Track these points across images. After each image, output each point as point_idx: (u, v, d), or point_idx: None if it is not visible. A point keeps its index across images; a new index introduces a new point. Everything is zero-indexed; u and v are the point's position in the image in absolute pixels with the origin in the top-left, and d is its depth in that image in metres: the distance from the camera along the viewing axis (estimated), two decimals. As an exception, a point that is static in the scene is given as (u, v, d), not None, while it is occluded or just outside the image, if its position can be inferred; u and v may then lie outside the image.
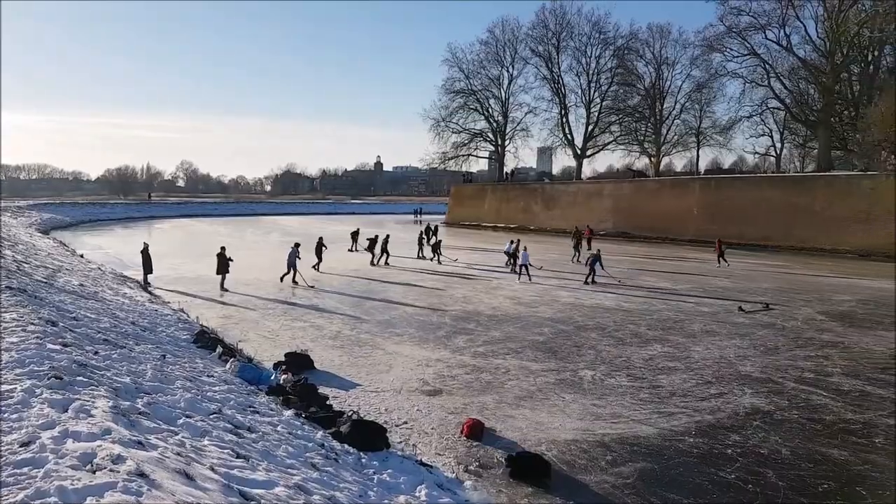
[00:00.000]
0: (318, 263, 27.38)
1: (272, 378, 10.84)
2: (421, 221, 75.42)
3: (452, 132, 73.27)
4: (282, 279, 23.24)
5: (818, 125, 51.85)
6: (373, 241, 30.98)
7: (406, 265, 29.80)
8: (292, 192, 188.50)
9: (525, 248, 26.07)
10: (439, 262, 30.66)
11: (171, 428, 6.00)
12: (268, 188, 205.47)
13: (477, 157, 78.04)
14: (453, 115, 72.67)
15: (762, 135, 62.45)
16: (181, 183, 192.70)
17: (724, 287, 23.76)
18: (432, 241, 33.64)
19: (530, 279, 24.66)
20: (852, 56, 50.51)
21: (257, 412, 8.25)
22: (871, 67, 50.66)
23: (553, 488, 7.50)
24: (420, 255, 33.47)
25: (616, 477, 7.81)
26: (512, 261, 27.58)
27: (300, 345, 13.94)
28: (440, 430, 9.33)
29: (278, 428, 7.64)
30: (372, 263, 29.88)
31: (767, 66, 54.15)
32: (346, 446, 7.87)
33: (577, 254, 32.36)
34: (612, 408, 10.37)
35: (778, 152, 64.46)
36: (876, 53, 50.47)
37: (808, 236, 39.19)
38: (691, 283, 24.86)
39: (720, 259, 30.66)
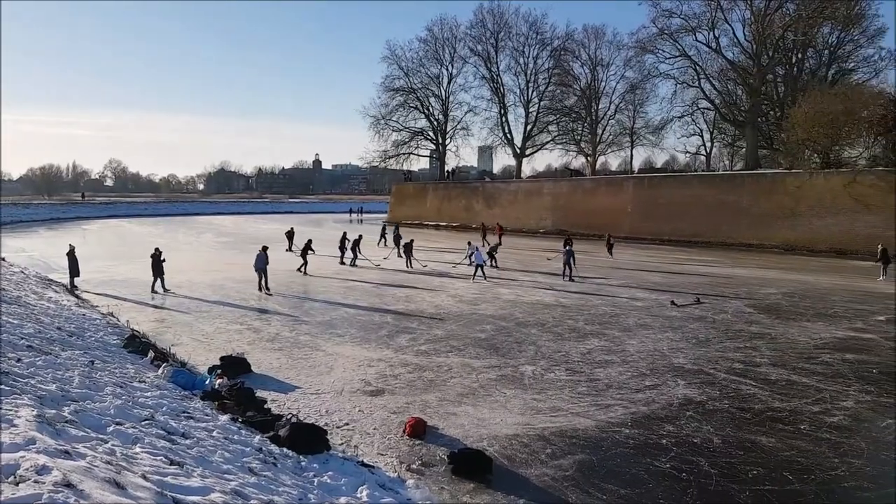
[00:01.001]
0: (303, 265, 26.81)
1: (207, 383, 10.54)
2: (362, 221, 74.90)
3: (393, 130, 73.12)
4: (261, 288, 21.59)
5: (746, 125, 54.22)
6: (308, 246, 29.87)
7: (347, 266, 29.46)
8: (227, 190, 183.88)
9: (478, 248, 26.04)
10: (410, 266, 28.68)
11: (101, 436, 5.77)
12: (201, 187, 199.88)
13: (418, 155, 78.17)
14: (393, 113, 72.48)
15: (693, 134, 64.97)
16: (109, 182, 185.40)
17: (657, 282, 24.54)
18: (402, 242, 31.60)
19: (485, 278, 24.65)
20: (777, 58, 53.06)
21: (192, 418, 8.01)
22: (796, 69, 53.39)
23: (494, 483, 7.57)
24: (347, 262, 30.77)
25: (556, 470, 7.95)
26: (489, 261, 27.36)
27: (236, 348, 13.59)
28: (382, 430, 9.27)
29: (214, 433, 7.44)
30: (341, 262, 29.98)
31: (698, 67, 56.32)
32: (285, 450, 7.72)
33: (485, 244, 34.06)
34: (552, 402, 10.55)
35: (708, 151, 67.18)
36: (800, 56, 53.24)
37: (736, 232, 40.91)
38: (626, 278, 25.55)
39: (610, 252, 33.09)
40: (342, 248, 30.83)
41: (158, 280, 21.31)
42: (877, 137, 39.86)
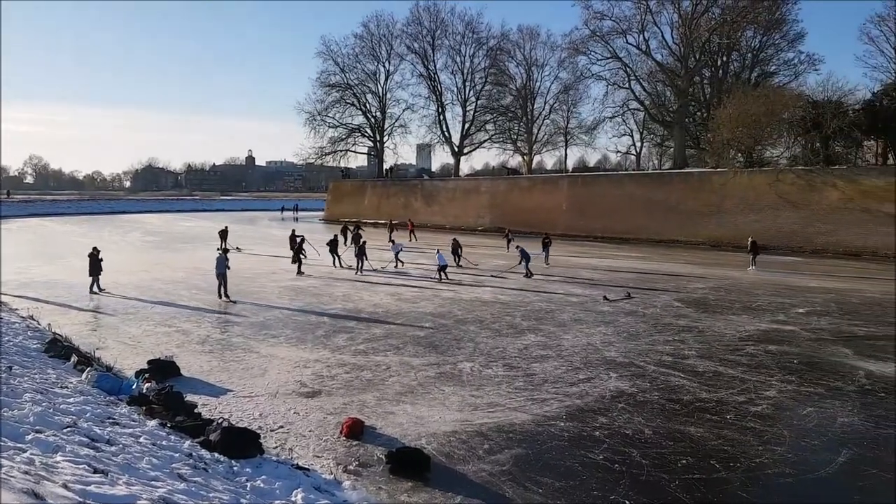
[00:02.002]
0: (299, 265, 25.84)
1: (134, 387, 10.17)
2: (297, 219, 73.57)
3: (329, 126, 71.98)
4: (222, 295, 19.53)
5: (674, 125, 56.19)
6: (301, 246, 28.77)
7: (281, 265, 28.81)
8: (154, 188, 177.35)
9: (438, 250, 25.44)
10: (360, 271, 26.10)
11: (18, 445, 5.57)
12: (127, 184, 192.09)
13: (355, 152, 77.28)
14: (329, 109, 71.39)
15: (624, 134, 66.87)
16: (29, 179, 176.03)
17: (590, 278, 25.10)
18: (358, 242, 29.00)
19: (447, 277, 24.29)
20: (704, 61, 55.21)
21: (117, 424, 7.74)
22: (721, 72, 55.66)
23: (433, 481, 7.55)
24: (337, 264, 28.14)
25: (493, 465, 8.00)
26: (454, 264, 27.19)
27: (165, 351, 13.11)
28: (318, 431, 9.11)
29: (141, 439, 7.20)
30: (294, 262, 28.67)
31: (628, 69, 57.95)
32: (216, 455, 7.56)
33: (391, 242, 34.64)
34: (490, 397, 10.62)
35: (638, 151, 69.32)
36: (724, 59, 55.54)
37: (665, 229, 42.31)
38: (562, 274, 26.04)
39: (508, 245, 34.81)
40: (293, 247, 29.87)
41: (95, 280, 20.58)
42: (797, 138, 42.13)
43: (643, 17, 54.36)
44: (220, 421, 8.68)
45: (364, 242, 28.31)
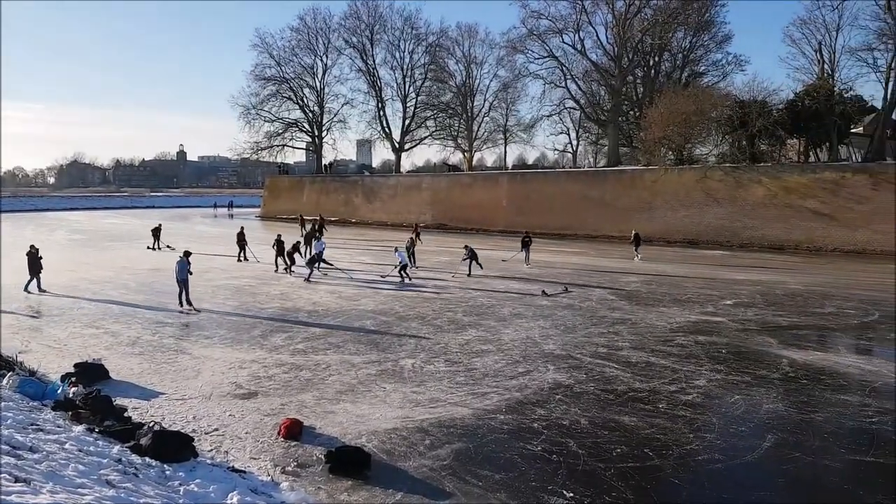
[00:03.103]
0: (288, 267, 24.93)
1: (59, 392, 9.70)
2: (232, 216, 71.83)
3: (265, 121, 70.52)
4: (183, 303, 17.62)
5: (608, 124, 57.60)
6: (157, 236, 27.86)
7: (220, 263, 28.03)
8: (81, 185, 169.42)
9: (397, 249, 24.18)
10: (288, 271, 24.73)
11: None
12: (51, 181, 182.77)
13: (293, 147, 75.94)
14: (265, 102, 69.94)
15: (561, 132, 68.09)
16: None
17: (529, 273, 25.48)
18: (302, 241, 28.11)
19: (409, 277, 23.19)
20: (636, 61, 56.79)
21: (41, 430, 7.38)
22: (653, 72, 57.37)
23: (373, 479, 7.50)
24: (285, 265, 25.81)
25: (433, 460, 8.01)
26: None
27: (92, 354, 12.53)
28: (255, 433, 8.90)
29: (66, 446, 6.89)
30: (239, 260, 28.36)
31: (564, 68, 59.03)
32: (147, 459, 7.31)
33: (302, 233, 35.28)
34: (431, 393, 10.63)
35: (574, 149, 70.64)
36: (656, 59, 57.28)
37: (600, 225, 43.40)
38: (502, 270, 26.32)
39: (417, 238, 35.28)
40: (241, 245, 28.95)
41: (35, 279, 19.77)
42: (724, 136, 43.88)
43: (578, 16, 55.52)
44: (151, 425, 8.38)
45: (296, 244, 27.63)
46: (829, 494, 7.44)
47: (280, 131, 71.66)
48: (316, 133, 71.54)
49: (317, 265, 23.53)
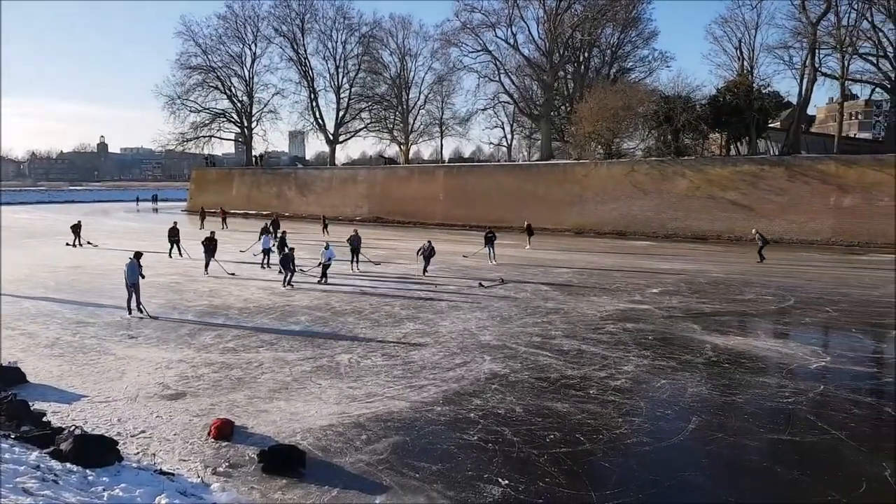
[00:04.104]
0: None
1: (-32, 399, 9.05)
2: (157, 210, 69.24)
3: (191, 111, 67.89)
4: (132, 309, 15.99)
5: (541, 118, 58.49)
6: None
7: (144, 259, 26.83)
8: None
9: (328, 246, 22.12)
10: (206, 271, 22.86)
11: None
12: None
13: (221, 138, 73.55)
14: (191, 92, 67.28)
15: (496, 126, 68.56)
16: None
17: (466, 265, 25.67)
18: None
19: (325, 279, 21.36)
20: (567, 56, 57.81)
21: (-51, 440, 6.87)
22: (583, 67, 58.54)
23: (308, 476, 7.40)
24: (266, 264, 24.68)
25: (370, 455, 7.98)
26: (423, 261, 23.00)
27: (7, 356, 11.81)
28: (184, 434, 8.62)
29: (-22, 454, 6.44)
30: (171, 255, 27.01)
31: (498, 62, 59.43)
32: (68, 465, 7.00)
33: (202, 227, 36.52)
34: (368, 388, 10.57)
35: (509, 143, 71.38)
36: (586, 55, 58.45)
37: (534, 217, 43.78)
38: (440, 263, 26.32)
39: (325, 230, 36.85)
40: (173, 242, 27.61)
41: None
42: (650, 131, 45.31)
43: (511, 11, 55.97)
44: (72, 429, 7.98)
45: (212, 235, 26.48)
46: (750, 472, 7.84)
47: (207, 122, 69.29)
48: (245, 124, 69.49)
49: (292, 267, 20.76)
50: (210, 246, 23.20)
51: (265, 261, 24.68)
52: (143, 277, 16.42)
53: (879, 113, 71.59)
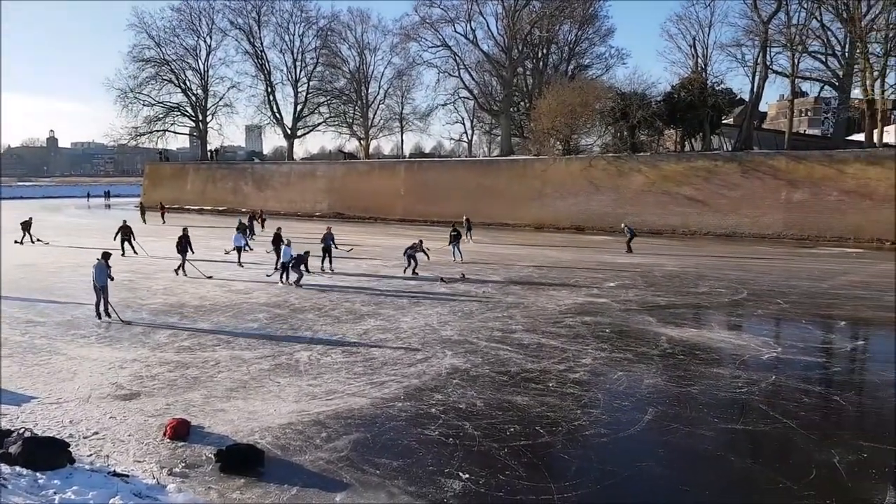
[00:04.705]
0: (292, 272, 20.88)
1: None
2: (109, 206, 67.39)
3: (144, 105, 66.17)
4: (101, 313, 15.14)
5: (500, 114, 58.81)
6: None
7: (90, 258, 26.06)
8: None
9: (289, 243, 21.15)
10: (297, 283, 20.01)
11: None
12: None
13: (175, 133, 71.93)
14: (144, 85, 65.54)
15: (456, 122, 68.86)
16: None
17: (427, 262, 25.61)
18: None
19: (288, 281, 20.20)
20: (526, 52, 58.20)
21: None
22: (542, 64, 59.03)
23: (267, 475, 7.31)
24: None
25: (331, 452, 7.92)
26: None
27: (-52, 359, 11.35)
28: (139, 435, 8.42)
29: (-81, 461, 6.19)
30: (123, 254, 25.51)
31: (458, 58, 59.50)
32: (17, 469, 6.83)
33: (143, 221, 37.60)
34: (328, 385, 10.49)
35: (469, 138, 71.64)
36: (545, 51, 58.98)
37: (495, 213, 44.33)
38: (400, 259, 26.28)
39: (262, 225, 37.15)
40: (124, 240, 26.62)
41: None
42: (607, 127, 46.00)
43: (470, 6, 56.09)
44: (21, 431, 7.73)
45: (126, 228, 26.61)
46: (705, 462, 8.05)
47: (161, 116, 67.64)
48: (200, 118, 68.01)
49: (304, 268, 19.91)
50: (184, 245, 21.73)
51: (239, 259, 23.96)
52: (112, 279, 15.57)
53: (828, 110, 74.22)
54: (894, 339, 14.46)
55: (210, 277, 21.09)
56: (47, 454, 7.13)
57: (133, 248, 26.47)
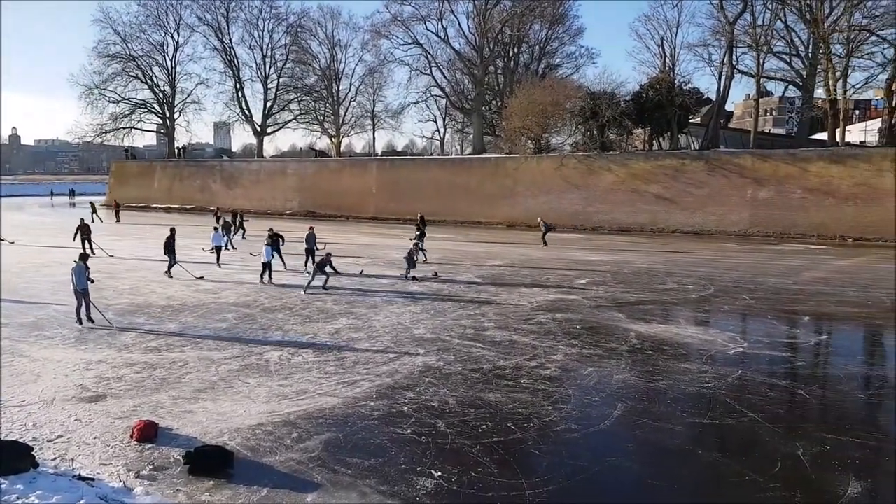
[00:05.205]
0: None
1: None
2: (74, 204, 65.93)
3: (109, 101, 64.74)
4: (83, 318, 14.41)
5: (472, 112, 58.91)
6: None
7: (60, 256, 25.47)
8: None
9: (268, 241, 21.07)
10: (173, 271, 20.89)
11: None
12: None
13: (142, 130, 70.58)
14: (109, 82, 64.15)
15: (428, 120, 68.59)
16: None
17: (400, 260, 25.53)
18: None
19: (270, 280, 20.15)
20: (497, 51, 58.37)
21: None
22: (513, 63, 59.25)
23: (237, 477, 7.24)
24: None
25: (301, 453, 7.87)
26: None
27: None
28: (105, 438, 8.27)
29: None
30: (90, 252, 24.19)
31: (429, 56, 59.39)
32: None
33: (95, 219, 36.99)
34: (299, 385, 10.41)
35: (442, 136, 71.59)
36: (516, 50, 59.18)
37: (467, 211, 44.43)
38: (373, 256, 26.23)
39: (241, 225, 36.11)
40: (84, 239, 25.83)
41: None
42: (578, 126, 46.35)
43: (441, 4, 56.02)
44: (-20, 437, 7.54)
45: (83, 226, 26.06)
46: (673, 456, 8.19)
47: (127, 113, 66.26)
48: (167, 114, 66.82)
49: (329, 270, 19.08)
50: (171, 246, 20.98)
51: (218, 260, 23.07)
52: (93, 282, 14.91)
53: (792, 109, 76.03)
54: (894, 336, 14.76)
55: (200, 278, 20.74)
56: (9, 458, 6.97)
57: (91, 247, 25.75)
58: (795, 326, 15.44)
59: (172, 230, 21.73)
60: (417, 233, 26.38)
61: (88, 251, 25.06)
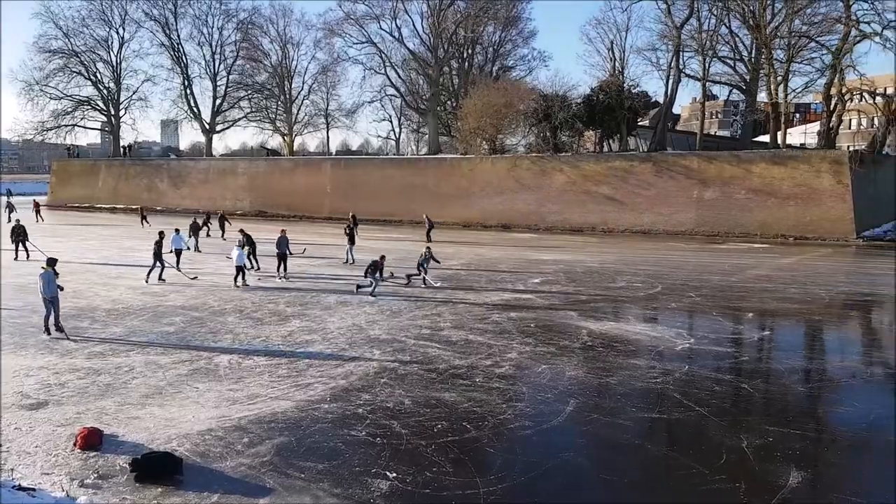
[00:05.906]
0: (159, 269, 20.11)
1: None
2: (11, 205, 63.25)
3: (51, 98, 62.47)
4: (51, 328, 13.38)
5: (427, 113, 58.95)
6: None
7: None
8: None
9: (239, 242, 20.92)
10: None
11: None
12: None
13: (85, 128, 68.26)
14: (50, 77, 61.87)
15: (383, 119, 68.44)
16: None
17: (356, 259, 25.35)
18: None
19: (245, 282, 19.67)
20: (452, 52, 58.52)
21: None
22: (467, 64, 59.51)
23: (186, 483, 7.08)
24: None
25: (253, 458, 7.74)
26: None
27: None
28: (47, 446, 7.97)
29: None
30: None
31: (383, 55, 59.13)
32: None
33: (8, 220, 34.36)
34: (250, 389, 10.23)
35: (397, 136, 71.45)
36: (470, 51, 59.48)
37: (423, 211, 44.19)
38: (326, 258, 25.95)
39: (143, 221, 37.00)
40: (18, 241, 24.65)
41: None
42: (531, 127, 46.84)
43: (395, 4, 55.87)
44: None
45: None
46: (624, 450, 8.38)
47: (69, 110, 64.03)
48: (112, 112, 64.80)
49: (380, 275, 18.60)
50: (159, 252, 20.05)
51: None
52: (62, 289, 13.66)
53: (736, 112, 78.42)
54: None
55: (195, 278, 20.47)
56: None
57: (26, 249, 24.72)
58: (740, 323, 15.96)
59: (161, 234, 21.00)
60: (347, 234, 25.67)
61: (23, 255, 24.13)
